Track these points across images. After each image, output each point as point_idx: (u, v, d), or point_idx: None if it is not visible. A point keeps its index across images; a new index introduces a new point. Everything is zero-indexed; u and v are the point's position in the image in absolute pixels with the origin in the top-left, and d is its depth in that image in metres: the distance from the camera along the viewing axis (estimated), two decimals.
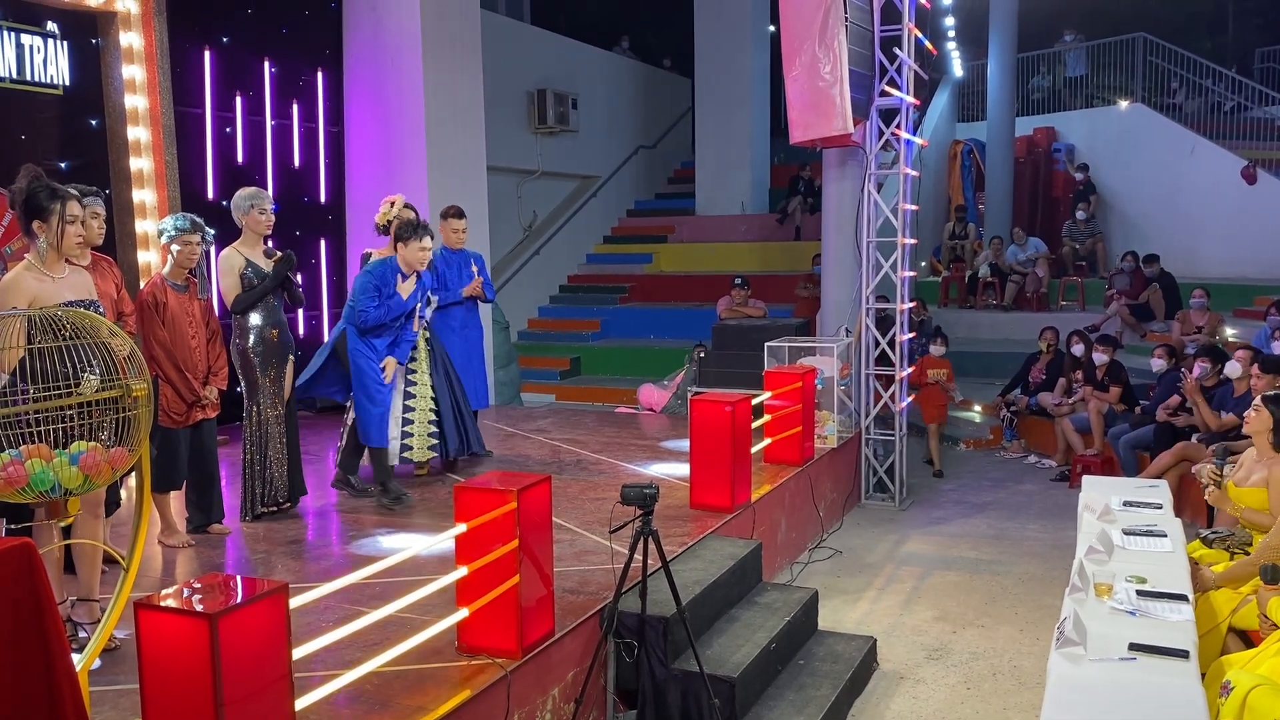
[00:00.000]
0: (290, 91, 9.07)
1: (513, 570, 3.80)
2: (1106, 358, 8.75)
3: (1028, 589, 6.22)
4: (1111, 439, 8.36)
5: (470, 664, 3.80)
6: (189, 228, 5.20)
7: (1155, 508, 4.84)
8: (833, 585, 6.29)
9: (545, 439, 7.99)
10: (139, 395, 3.05)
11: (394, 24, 9.23)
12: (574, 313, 15.00)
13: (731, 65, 15.87)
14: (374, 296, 5.86)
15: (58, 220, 3.77)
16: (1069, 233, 14.41)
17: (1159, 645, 3.26)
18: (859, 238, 8.14)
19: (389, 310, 5.86)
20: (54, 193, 3.79)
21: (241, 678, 2.71)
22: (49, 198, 3.77)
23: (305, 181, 9.26)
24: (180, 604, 2.71)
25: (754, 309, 11.15)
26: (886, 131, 8.00)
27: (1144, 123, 15.20)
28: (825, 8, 7.30)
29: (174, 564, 5.04)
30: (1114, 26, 16.65)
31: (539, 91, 14.35)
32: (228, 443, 7.18)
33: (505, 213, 14.00)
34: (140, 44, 7.58)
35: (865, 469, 8.21)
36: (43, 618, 2.42)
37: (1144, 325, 11.70)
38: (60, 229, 3.79)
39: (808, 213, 14.92)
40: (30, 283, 3.72)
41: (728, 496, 5.85)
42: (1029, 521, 7.64)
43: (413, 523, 5.68)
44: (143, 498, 3.18)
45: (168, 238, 5.20)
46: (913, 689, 4.93)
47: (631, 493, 3.98)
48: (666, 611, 4.24)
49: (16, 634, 2.37)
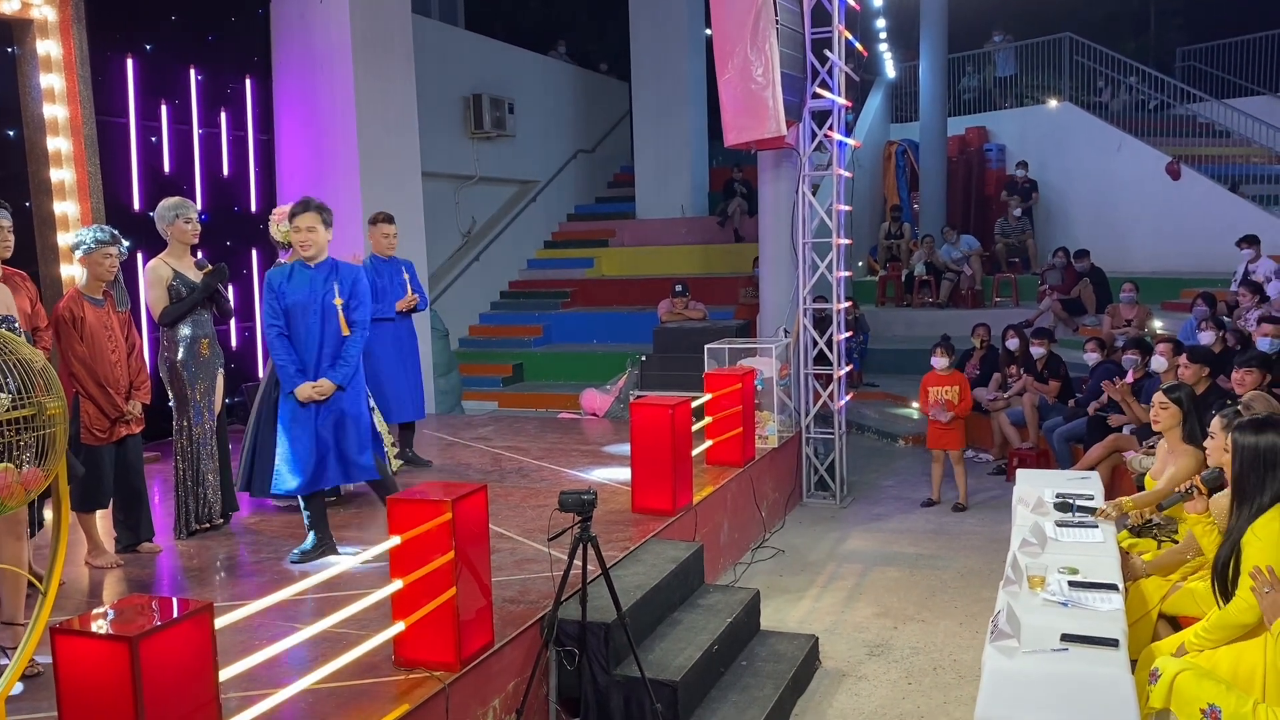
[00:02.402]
0: (218, 99, 8.90)
1: (449, 582, 3.75)
2: (1044, 350, 8.90)
3: (966, 583, 6.30)
4: (1046, 432, 8.51)
5: (408, 678, 3.74)
6: (107, 239, 5.07)
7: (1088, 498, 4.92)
8: (775, 585, 6.32)
9: (486, 447, 7.92)
10: (54, 414, 2.96)
11: (323, 30, 9.10)
12: (515, 319, 14.92)
13: (668, 69, 15.91)
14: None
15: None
16: (1001, 230, 14.66)
17: (1090, 635, 3.32)
18: (795, 239, 8.20)
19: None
20: None
21: (165, 702, 2.64)
22: None
23: (235, 191, 9.10)
24: (99, 627, 2.63)
25: (694, 311, 11.17)
26: (819, 133, 8.06)
27: (1072, 121, 15.52)
28: (756, 10, 7.34)
29: (101, 585, 4.90)
30: (1042, 26, 16.99)
31: (475, 96, 14.25)
32: (159, 459, 7.02)
33: (443, 219, 13.88)
34: (59, 52, 7.39)
35: (806, 468, 8.26)
36: None
37: (1076, 319, 11.94)
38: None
39: (747, 215, 14.99)
40: None
41: (669, 500, 5.84)
42: (967, 516, 7.74)
43: (350, 537, 5.59)
44: (60, 518, 3.08)
45: (84, 251, 5.06)
46: (855, 686, 4.97)
47: (569, 499, 3.96)
48: (608, 618, 4.22)
49: None
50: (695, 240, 15.64)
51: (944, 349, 7.99)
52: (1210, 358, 6.80)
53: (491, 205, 15.71)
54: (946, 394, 7.86)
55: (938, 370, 7.96)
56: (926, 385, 8.00)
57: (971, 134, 16.93)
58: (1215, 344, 7.61)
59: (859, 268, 14.95)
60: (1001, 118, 16.92)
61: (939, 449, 7.97)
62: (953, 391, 7.85)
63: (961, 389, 7.88)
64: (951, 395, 7.84)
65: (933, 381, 7.97)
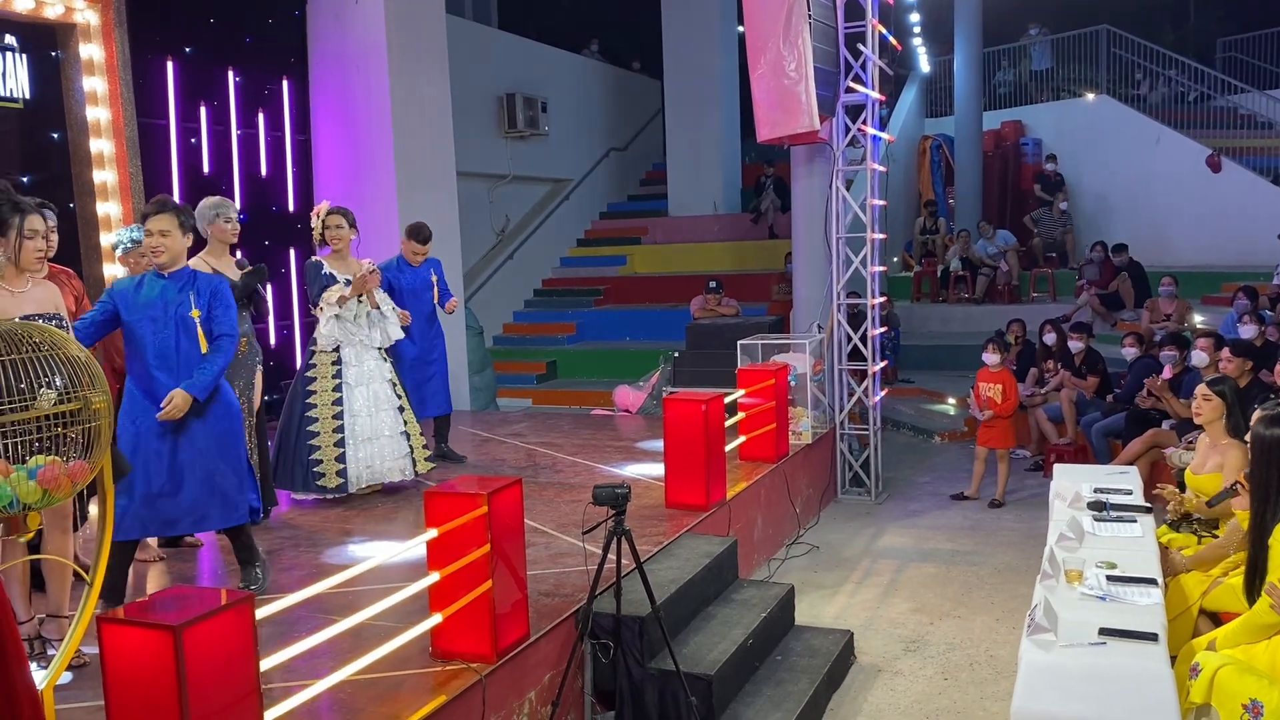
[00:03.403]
0: (255, 101, 9.01)
1: (485, 574, 3.78)
2: (1082, 345, 8.81)
3: (1003, 579, 6.25)
4: (1084, 427, 8.42)
5: (444, 669, 3.78)
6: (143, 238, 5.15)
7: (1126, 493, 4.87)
8: (810, 580, 6.30)
9: (520, 443, 7.97)
10: (99, 408, 3.02)
11: (359, 31, 9.19)
12: (549, 316, 14.98)
13: (700, 66, 15.91)
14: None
15: (15, 234, 3.74)
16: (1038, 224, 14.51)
17: (1129, 629, 3.29)
18: (829, 234, 8.17)
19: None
20: (15, 206, 3.75)
21: (208, 690, 2.68)
22: (10, 211, 3.73)
23: (273, 190, 9.20)
24: (144, 617, 2.68)
25: (727, 308, 11.17)
26: (853, 128, 8.03)
27: (1110, 114, 15.35)
28: (789, 6, 7.32)
29: (144, 578, 4.99)
30: (1078, 19, 16.80)
31: (508, 96, 14.32)
32: None
33: (477, 218, 13.96)
34: (101, 56, 7.51)
35: (841, 464, 8.23)
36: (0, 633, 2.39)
37: (1114, 314, 11.81)
38: (18, 244, 3.75)
39: (781, 211, 14.95)
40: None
41: (703, 495, 5.85)
42: (1004, 512, 7.68)
43: (387, 530, 5.65)
44: (105, 511, 3.14)
45: (123, 250, 5.15)
46: (890, 681, 4.95)
47: (603, 493, 3.98)
48: (642, 611, 4.24)
49: None
50: (727, 237, 15.62)
51: (995, 345, 8.01)
52: (1253, 351, 6.71)
53: (525, 204, 15.78)
54: (990, 391, 7.84)
55: (989, 367, 7.94)
56: (979, 381, 8.00)
57: (1007, 128, 16.78)
58: (1257, 338, 7.50)
59: (894, 263, 14.86)
60: (1038, 112, 16.75)
61: (986, 446, 7.93)
62: (996, 390, 7.81)
63: (1005, 387, 7.83)
64: (995, 394, 7.80)
65: (983, 378, 7.97)
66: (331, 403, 6.11)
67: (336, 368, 6.16)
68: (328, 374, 6.15)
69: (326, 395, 6.12)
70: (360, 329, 6.22)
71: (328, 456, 6.06)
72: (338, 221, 6.24)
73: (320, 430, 6.07)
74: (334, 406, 6.11)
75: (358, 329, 6.21)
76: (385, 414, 6.27)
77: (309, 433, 6.06)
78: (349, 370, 6.18)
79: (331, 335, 6.14)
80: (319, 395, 6.12)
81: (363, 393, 6.20)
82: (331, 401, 6.11)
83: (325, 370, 6.15)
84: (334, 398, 6.12)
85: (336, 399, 6.12)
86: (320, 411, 6.09)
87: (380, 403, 6.26)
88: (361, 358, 6.24)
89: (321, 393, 6.12)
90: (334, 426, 6.09)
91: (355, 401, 6.17)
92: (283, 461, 6.11)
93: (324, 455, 6.06)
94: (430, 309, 7.06)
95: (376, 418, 6.23)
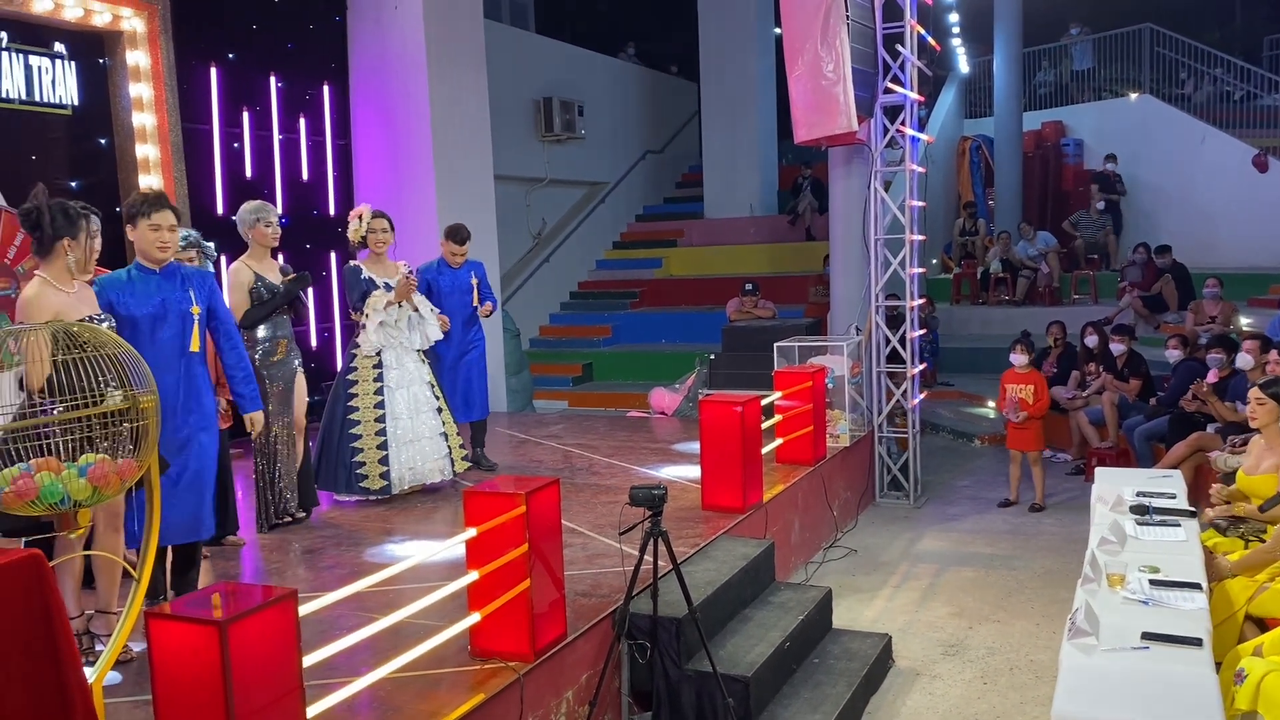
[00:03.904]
0: (297, 106, 9.13)
1: (523, 574, 3.81)
2: (1124, 348, 8.69)
3: (1044, 583, 6.19)
4: (1126, 431, 8.31)
5: (483, 668, 3.81)
6: (183, 246, 5.24)
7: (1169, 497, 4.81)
8: (848, 584, 6.28)
9: (557, 444, 8.00)
10: (147, 407, 3.08)
11: (398, 36, 9.29)
12: (585, 319, 15.03)
13: (737, 69, 15.90)
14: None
15: (85, 236, 3.85)
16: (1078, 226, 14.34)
17: (1172, 634, 3.25)
18: (866, 235, 8.14)
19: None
20: (68, 210, 3.83)
21: (253, 684, 2.73)
22: (74, 215, 3.82)
23: (314, 195, 9.32)
24: (190, 612, 2.73)
25: (764, 310, 11.15)
26: (891, 129, 8.00)
27: (1153, 114, 15.15)
28: (826, 7, 7.31)
29: None
30: (1120, 18, 16.60)
31: (545, 100, 14.39)
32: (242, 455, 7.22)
33: (514, 221, 14.04)
34: (147, 63, 7.64)
35: (879, 467, 8.18)
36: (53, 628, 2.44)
37: (1157, 316, 11.65)
38: (88, 245, 3.87)
39: (818, 213, 14.90)
40: (54, 297, 3.77)
41: (739, 497, 5.84)
42: (1044, 516, 7.60)
43: (426, 530, 5.70)
44: (152, 509, 3.20)
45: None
46: (929, 685, 4.92)
47: (640, 494, 3.99)
48: (679, 613, 4.24)
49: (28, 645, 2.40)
50: (764, 239, 15.59)
51: (1023, 346, 7.89)
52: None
53: (561, 207, 15.85)
54: (1021, 393, 7.72)
55: (1016, 368, 7.83)
56: (1005, 383, 7.87)
57: (1048, 129, 16.61)
58: None
59: (933, 265, 14.75)
60: (1079, 112, 16.56)
61: (1017, 449, 7.84)
62: (1027, 390, 7.71)
63: (1037, 388, 7.73)
64: (1026, 394, 7.70)
65: (1010, 379, 7.85)
66: (373, 405, 6.18)
67: (377, 370, 6.22)
68: (369, 377, 6.21)
69: (368, 398, 6.18)
70: (401, 332, 6.29)
71: (371, 459, 6.13)
72: (382, 225, 6.30)
73: (363, 433, 6.14)
74: (376, 410, 6.18)
75: (398, 332, 6.28)
76: (425, 416, 6.33)
77: (351, 435, 6.13)
78: (389, 373, 6.24)
79: (376, 342, 6.21)
80: (361, 398, 6.18)
81: (403, 395, 6.26)
82: (374, 404, 6.18)
83: (366, 373, 6.22)
84: (376, 400, 6.18)
85: (378, 402, 6.18)
86: (362, 414, 6.16)
87: (420, 405, 6.32)
88: (402, 360, 6.30)
89: (363, 395, 6.18)
90: (376, 429, 6.15)
91: (397, 404, 6.23)
92: (325, 463, 6.18)
93: (367, 457, 6.12)
94: (470, 312, 7.05)
95: (417, 420, 6.29)
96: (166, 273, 4.32)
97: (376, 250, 6.31)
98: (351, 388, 6.20)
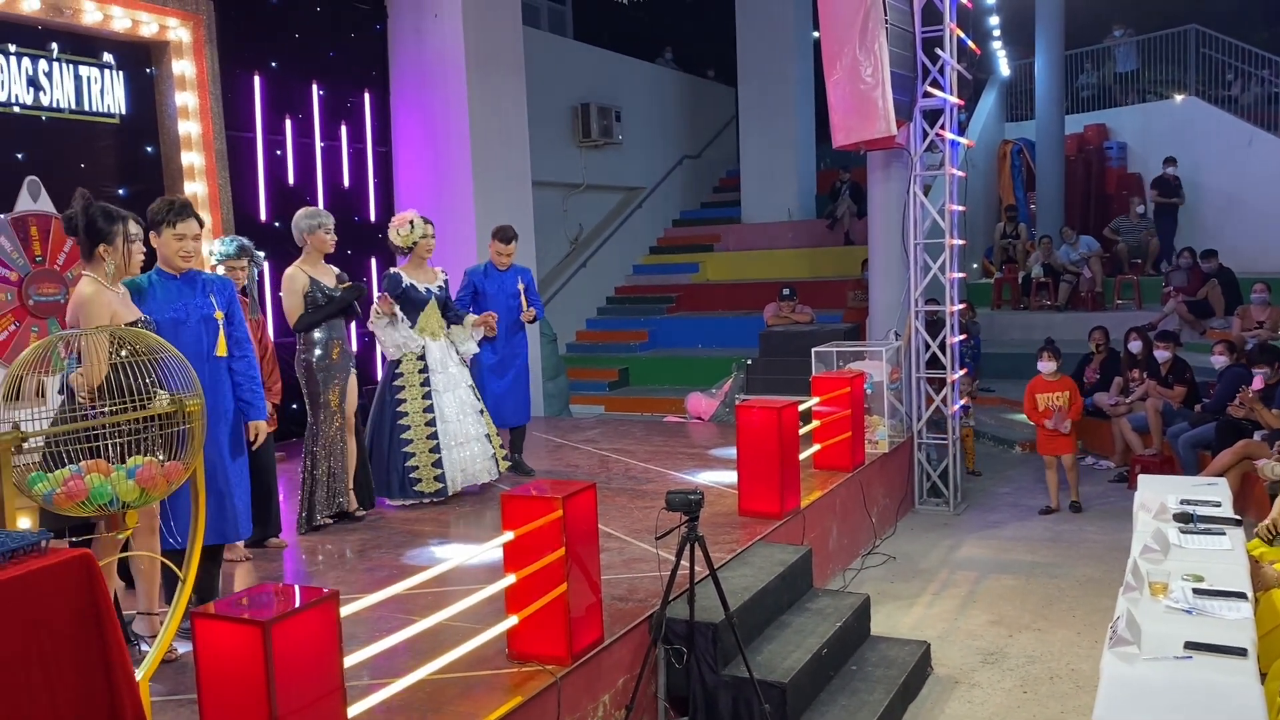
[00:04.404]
0: (338, 113, 9.25)
1: (560, 577, 3.83)
2: (1169, 354, 8.57)
3: (1085, 592, 6.12)
4: (1171, 438, 8.19)
5: (520, 670, 3.84)
6: (234, 253, 5.34)
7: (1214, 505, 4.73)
8: (886, 591, 6.24)
9: (594, 449, 8.03)
10: (193, 410, 3.14)
11: (438, 44, 9.38)
12: (621, 324, 15.06)
13: (775, 73, 15.87)
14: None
15: (122, 241, 3.88)
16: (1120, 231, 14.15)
17: (1216, 643, 3.20)
18: (906, 240, 8.09)
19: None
20: (109, 215, 3.88)
21: (295, 683, 2.77)
22: (109, 220, 3.86)
23: (355, 201, 9.43)
24: (234, 612, 2.78)
25: (801, 315, 11.12)
26: (931, 133, 7.95)
27: (1199, 116, 14.92)
28: (865, 10, 7.29)
29: (233, 577, 5.14)
30: (1165, 19, 16.37)
31: (583, 105, 14.46)
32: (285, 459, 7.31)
33: (551, 227, 14.10)
34: (192, 72, 7.78)
35: (918, 474, 8.13)
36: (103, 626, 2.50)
37: (1203, 322, 11.46)
38: (126, 249, 3.90)
39: (857, 217, 14.83)
40: (109, 298, 3.82)
41: (776, 503, 5.83)
42: (1086, 524, 7.51)
43: (466, 533, 5.75)
44: (197, 510, 3.26)
45: (215, 260, 5.35)
46: (968, 693, 4.88)
47: (676, 499, 4.00)
48: (715, 618, 4.25)
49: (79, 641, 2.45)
50: (802, 244, 15.54)
51: (1050, 353, 7.81)
52: None
53: (598, 212, 15.90)
54: (1056, 400, 7.65)
55: (1044, 375, 7.76)
56: (1033, 391, 7.82)
57: (1090, 132, 16.41)
58: None
59: (973, 270, 14.63)
60: (1122, 114, 16.35)
61: (1051, 455, 7.77)
62: (1062, 397, 7.64)
63: (1071, 394, 7.66)
64: (1062, 401, 7.63)
65: (1040, 388, 7.78)
66: (423, 410, 6.24)
67: (424, 375, 6.29)
68: (415, 381, 6.27)
69: (417, 403, 6.25)
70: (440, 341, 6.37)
71: (424, 463, 6.19)
72: (431, 231, 6.39)
73: (414, 437, 6.20)
74: (425, 414, 6.24)
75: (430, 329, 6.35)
76: (470, 418, 6.42)
77: (402, 440, 6.19)
78: (435, 377, 6.32)
79: (393, 342, 6.25)
80: (409, 403, 6.24)
81: (451, 398, 6.35)
82: (423, 409, 6.24)
83: (413, 378, 6.27)
84: (424, 405, 6.25)
85: (427, 406, 6.25)
86: (412, 419, 6.22)
87: (466, 407, 6.42)
88: (445, 364, 6.38)
89: (411, 400, 6.24)
90: (427, 433, 6.22)
91: (446, 408, 6.31)
92: (375, 469, 6.23)
93: (419, 461, 6.19)
94: (516, 317, 7.03)
95: (464, 422, 6.37)
96: (187, 278, 4.32)
97: (422, 256, 6.38)
98: (399, 393, 6.26)
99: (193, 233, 4.25)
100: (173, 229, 4.21)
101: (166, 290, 4.27)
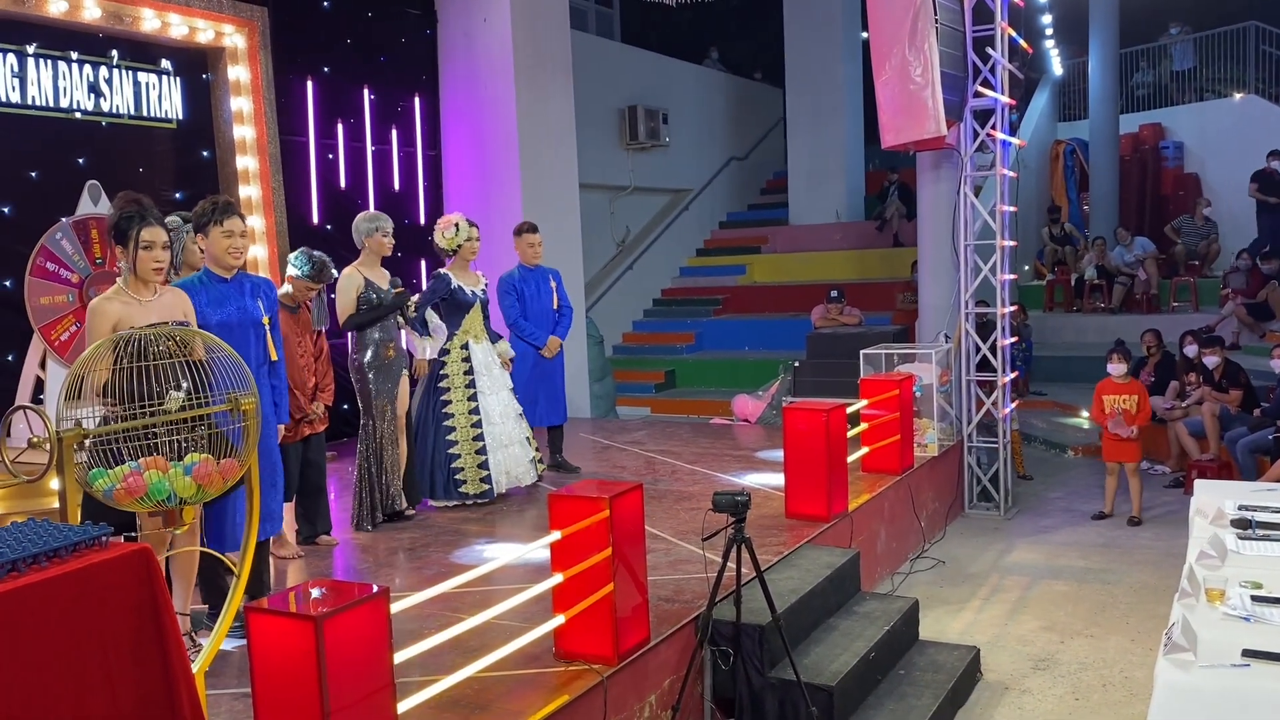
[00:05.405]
0: (389, 117, 9.36)
1: (607, 577, 3.85)
2: (1218, 359, 8.40)
3: (1139, 598, 6.01)
4: (1228, 443, 8.02)
5: (567, 670, 3.86)
6: (309, 275, 5.42)
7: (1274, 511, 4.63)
8: (935, 595, 6.18)
9: (640, 450, 8.04)
10: (248, 409, 3.19)
11: (487, 48, 9.47)
12: (668, 326, 15.06)
13: (822, 74, 15.80)
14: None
15: (133, 246, 3.77)
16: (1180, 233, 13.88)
17: (1275, 651, 3.13)
18: (956, 241, 8.01)
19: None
20: (131, 220, 3.77)
21: (346, 678, 2.81)
22: (127, 223, 3.77)
23: (405, 204, 9.54)
24: (287, 608, 2.83)
25: (849, 317, 11.04)
26: (981, 133, 7.87)
27: (1259, 114, 14.61)
28: (914, 10, 7.23)
29: (285, 574, 5.22)
30: (1223, 16, 16.04)
31: (630, 108, 14.49)
32: (335, 458, 7.42)
33: (598, 229, 14.15)
34: (247, 77, 7.93)
35: (968, 478, 8.04)
36: (161, 619, 2.54)
37: (1262, 325, 11.21)
38: (134, 255, 3.77)
39: (906, 218, 14.70)
40: (115, 307, 3.77)
41: (824, 506, 5.80)
42: (1140, 530, 7.38)
43: (513, 532, 5.79)
44: (252, 508, 3.32)
45: (291, 271, 5.46)
46: (1018, 699, 4.82)
47: (723, 500, 3.99)
48: (762, 620, 4.23)
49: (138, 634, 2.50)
50: (850, 245, 15.43)
51: (1120, 355, 7.61)
52: None
53: (645, 214, 15.92)
54: (1124, 404, 7.47)
55: (1114, 378, 7.59)
56: (1101, 393, 7.64)
57: (1146, 131, 16.12)
58: None
59: (1025, 271, 14.44)
60: (1178, 114, 16.04)
61: (1115, 461, 7.62)
62: (1130, 401, 7.46)
63: (1140, 398, 7.49)
64: (1130, 405, 7.46)
65: (1108, 390, 7.60)
66: (468, 411, 6.29)
67: (469, 377, 6.33)
68: (460, 384, 6.31)
69: (462, 405, 6.28)
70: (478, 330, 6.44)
71: (469, 464, 6.23)
72: (476, 234, 6.45)
73: (459, 439, 6.24)
74: (471, 415, 6.28)
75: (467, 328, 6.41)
76: (512, 420, 6.44)
77: (448, 441, 6.23)
78: (481, 379, 6.35)
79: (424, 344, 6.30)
80: (455, 405, 6.27)
81: (495, 400, 6.38)
82: (468, 411, 6.29)
83: (458, 380, 6.31)
84: (470, 406, 6.29)
85: (473, 408, 6.29)
86: (458, 420, 6.26)
87: (508, 410, 6.44)
88: (490, 366, 6.42)
89: (457, 402, 6.28)
90: (473, 435, 6.26)
91: (492, 409, 6.35)
92: (419, 469, 6.29)
93: (465, 463, 6.23)
94: (551, 315, 7.11)
95: (508, 424, 6.41)
96: (235, 280, 4.33)
97: (467, 258, 6.43)
98: (444, 395, 6.30)
99: (240, 230, 4.29)
100: (220, 227, 4.23)
101: (216, 292, 4.30)
